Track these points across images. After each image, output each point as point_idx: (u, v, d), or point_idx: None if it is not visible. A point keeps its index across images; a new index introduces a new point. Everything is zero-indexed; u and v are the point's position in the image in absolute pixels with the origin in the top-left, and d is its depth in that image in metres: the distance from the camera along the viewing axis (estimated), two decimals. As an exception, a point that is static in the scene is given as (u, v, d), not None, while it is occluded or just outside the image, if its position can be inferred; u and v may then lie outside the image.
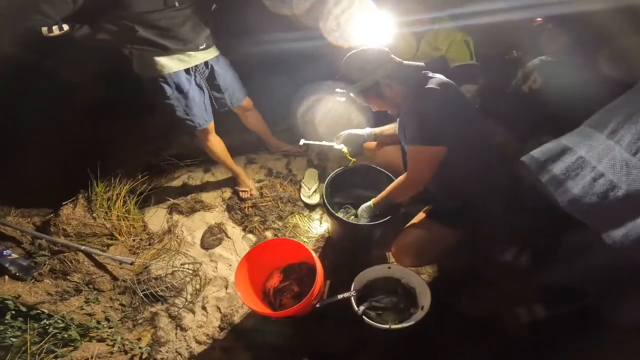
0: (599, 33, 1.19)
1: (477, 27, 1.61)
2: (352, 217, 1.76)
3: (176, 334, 1.66)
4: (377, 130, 1.75)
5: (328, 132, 2.20)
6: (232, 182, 2.23)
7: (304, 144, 1.79)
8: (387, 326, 1.39)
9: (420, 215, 1.59)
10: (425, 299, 1.44)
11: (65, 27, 1.35)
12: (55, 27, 1.33)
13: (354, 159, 1.73)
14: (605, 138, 0.97)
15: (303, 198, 2.13)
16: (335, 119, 2.15)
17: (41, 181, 2.14)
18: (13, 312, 1.56)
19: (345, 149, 1.72)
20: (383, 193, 1.50)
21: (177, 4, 1.44)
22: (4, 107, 2.07)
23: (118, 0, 1.34)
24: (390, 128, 1.72)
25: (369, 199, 1.55)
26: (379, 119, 1.79)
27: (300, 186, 2.19)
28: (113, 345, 1.61)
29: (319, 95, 2.21)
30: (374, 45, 1.36)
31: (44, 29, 1.32)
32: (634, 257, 0.89)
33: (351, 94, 1.41)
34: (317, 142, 1.80)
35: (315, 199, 2.11)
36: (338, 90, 1.47)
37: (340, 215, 1.70)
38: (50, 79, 2.20)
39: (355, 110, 2.10)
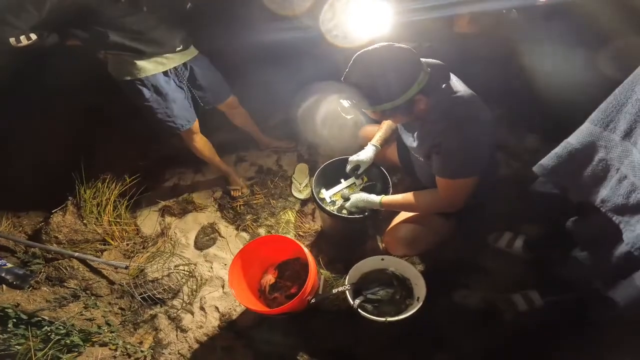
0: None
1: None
2: (342, 200, 1.69)
3: (177, 335, 1.68)
4: (381, 140, 1.66)
5: (319, 131, 2.17)
6: (223, 181, 2.22)
7: (330, 197, 1.69)
8: (384, 319, 1.40)
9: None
10: (420, 289, 1.46)
11: (34, 36, 1.30)
12: (23, 37, 1.27)
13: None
14: (621, 140, 0.97)
15: (294, 193, 2.13)
16: (327, 118, 2.12)
17: (29, 190, 2.11)
18: (14, 320, 1.57)
19: (364, 180, 1.71)
20: (399, 200, 1.40)
21: (145, 7, 1.38)
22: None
23: (87, 6, 1.28)
24: (390, 130, 1.66)
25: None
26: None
27: (291, 182, 2.18)
28: (116, 350, 1.63)
29: (318, 96, 2.16)
30: (396, 49, 1.07)
31: (12, 40, 1.26)
32: None
33: (365, 111, 1.18)
34: (340, 187, 1.71)
35: (306, 194, 2.10)
36: (344, 103, 1.24)
37: (331, 208, 1.69)
38: (33, 85, 2.13)
39: (346, 109, 2.06)
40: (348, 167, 1.65)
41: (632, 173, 0.93)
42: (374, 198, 1.46)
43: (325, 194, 1.68)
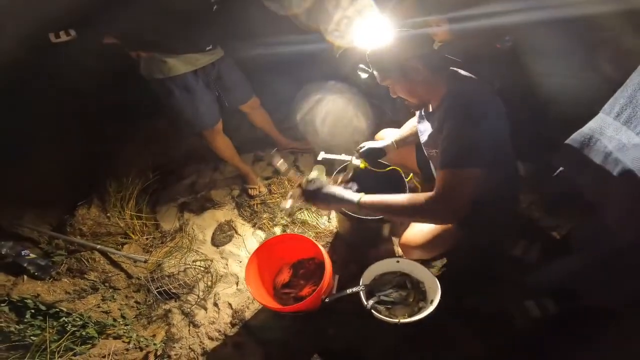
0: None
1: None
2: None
3: (189, 330, 1.69)
4: (398, 138, 1.64)
5: (329, 132, 2.20)
6: (241, 180, 2.26)
7: (323, 158, 1.71)
8: (397, 320, 1.39)
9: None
10: (434, 293, 1.44)
11: (73, 32, 1.38)
12: (62, 33, 1.35)
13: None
14: (613, 120, 1.02)
15: (311, 194, 2.13)
16: (337, 120, 2.14)
17: (55, 182, 2.18)
18: (32, 310, 1.60)
19: (362, 164, 1.63)
20: (382, 201, 1.16)
21: (177, 7, 1.45)
22: (16, 109, 2.13)
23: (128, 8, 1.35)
24: (409, 131, 1.63)
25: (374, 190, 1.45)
26: (381, 123, 1.76)
27: (308, 182, 2.20)
28: (129, 342, 1.64)
29: (320, 95, 2.20)
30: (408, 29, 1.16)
31: (51, 35, 1.34)
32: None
33: (374, 72, 1.22)
34: (336, 157, 1.70)
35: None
36: (361, 66, 1.37)
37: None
38: (58, 81, 2.23)
39: (357, 112, 2.09)
40: (358, 148, 1.64)
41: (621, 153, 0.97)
42: (351, 196, 1.18)
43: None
